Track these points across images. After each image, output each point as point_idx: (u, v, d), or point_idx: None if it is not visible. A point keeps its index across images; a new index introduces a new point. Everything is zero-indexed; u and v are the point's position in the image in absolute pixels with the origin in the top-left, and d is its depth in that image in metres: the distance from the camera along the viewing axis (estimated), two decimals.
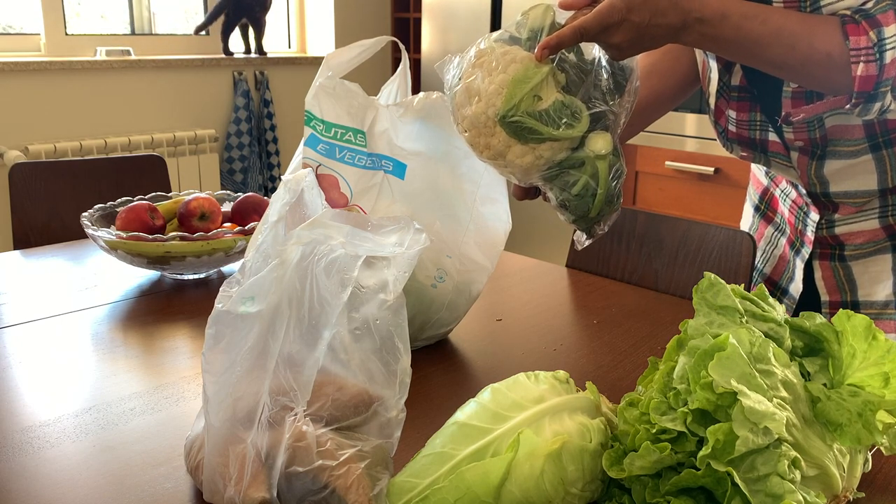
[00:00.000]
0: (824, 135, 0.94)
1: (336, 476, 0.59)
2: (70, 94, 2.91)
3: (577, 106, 0.81)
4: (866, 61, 0.80)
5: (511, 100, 0.79)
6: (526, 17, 0.84)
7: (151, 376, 0.92)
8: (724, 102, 1.02)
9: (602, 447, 0.62)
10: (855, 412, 0.62)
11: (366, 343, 0.63)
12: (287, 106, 3.57)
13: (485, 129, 0.81)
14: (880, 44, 0.79)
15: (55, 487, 0.69)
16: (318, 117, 0.99)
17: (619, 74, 0.84)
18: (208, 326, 0.64)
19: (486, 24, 3.19)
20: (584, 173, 0.82)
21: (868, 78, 0.80)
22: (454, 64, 0.86)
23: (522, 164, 0.82)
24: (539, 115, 0.79)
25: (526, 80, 0.79)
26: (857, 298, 1.05)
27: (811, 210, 1.05)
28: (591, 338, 1.07)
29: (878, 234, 1.01)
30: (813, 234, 1.06)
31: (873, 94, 0.81)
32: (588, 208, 0.84)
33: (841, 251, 1.04)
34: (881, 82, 0.80)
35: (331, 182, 0.98)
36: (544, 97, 0.80)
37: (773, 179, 1.16)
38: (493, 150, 0.82)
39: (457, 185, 0.99)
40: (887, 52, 0.79)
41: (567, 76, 0.82)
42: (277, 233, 0.67)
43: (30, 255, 1.39)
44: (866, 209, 1.00)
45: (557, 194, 0.85)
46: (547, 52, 0.80)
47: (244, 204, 1.35)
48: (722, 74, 1.01)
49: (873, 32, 0.80)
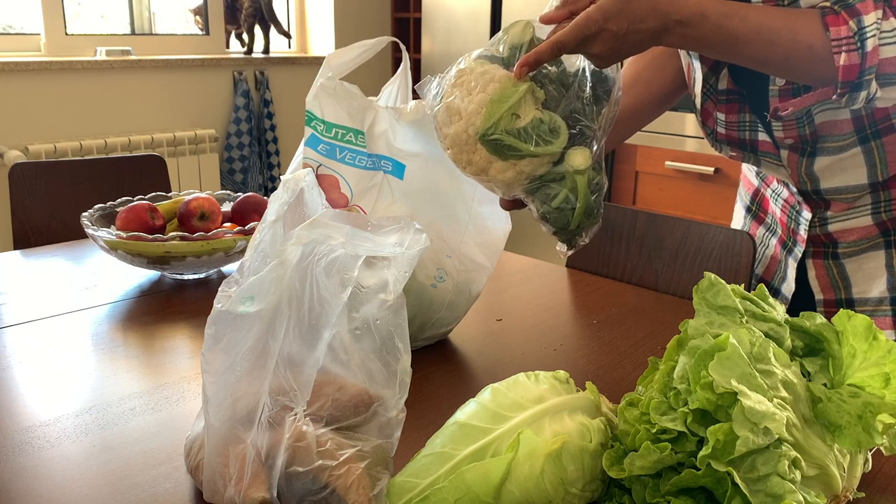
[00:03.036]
0: (814, 131, 0.95)
1: (336, 476, 0.59)
2: (70, 94, 2.91)
3: (555, 122, 0.82)
4: (848, 51, 0.80)
5: (490, 119, 0.81)
6: (506, 34, 0.86)
7: (151, 376, 0.92)
8: (712, 105, 1.02)
9: (602, 447, 0.62)
10: (855, 414, 0.62)
11: (366, 343, 0.63)
12: (287, 106, 3.57)
13: (466, 147, 0.83)
14: (860, 32, 0.80)
15: (55, 487, 0.69)
16: (318, 117, 0.99)
17: (599, 87, 0.85)
18: (207, 326, 0.64)
19: (486, 24, 3.19)
20: (564, 187, 0.84)
21: (851, 67, 0.81)
22: (434, 84, 0.88)
23: (504, 179, 0.84)
24: (518, 133, 0.81)
25: (504, 99, 0.81)
26: (852, 296, 1.05)
27: (803, 208, 1.06)
28: (591, 338, 1.07)
29: (870, 230, 1.01)
30: (806, 232, 1.06)
31: (858, 83, 0.81)
32: (568, 221, 0.85)
33: (834, 249, 1.05)
34: (864, 70, 0.80)
35: (331, 182, 0.98)
36: (522, 115, 0.81)
37: (763, 180, 1.16)
38: (476, 167, 0.84)
39: (455, 185, 0.99)
40: (868, 40, 0.79)
41: (546, 91, 0.83)
42: (276, 232, 0.67)
43: (30, 255, 1.39)
44: (858, 206, 1.00)
45: (538, 207, 0.86)
46: (526, 70, 0.81)
47: (244, 204, 1.35)
48: (708, 77, 1.01)
49: (853, 22, 0.80)
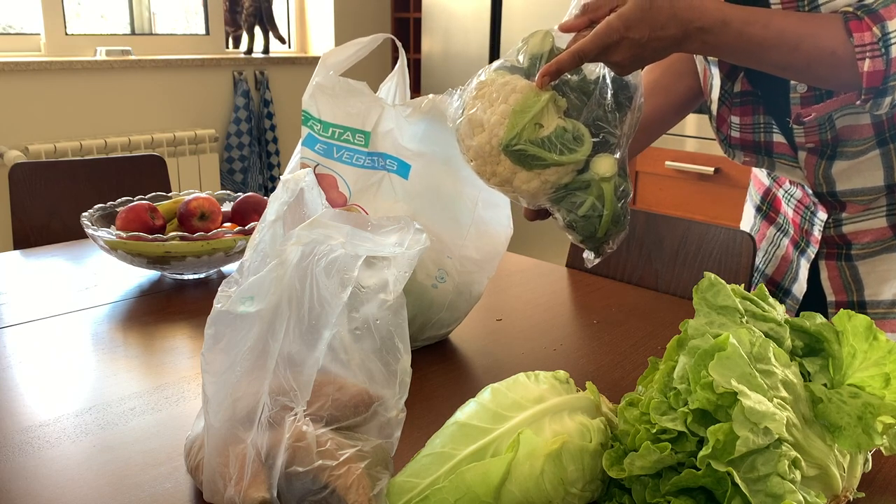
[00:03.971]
0: (835, 135, 0.94)
1: (336, 476, 0.59)
2: (70, 94, 2.91)
3: (579, 130, 0.82)
4: (872, 57, 0.80)
5: (513, 129, 0.80)
6: (526, 44, 0.86)
7: (151, 376, 0.92)
8: (727, 110, 1.02)
9: (602, 447, 0.62)
10: (855, 415, 0.62)
11: (366, 343, 0.63)
12: (287, 106, 3.57)
13: (490, 158, 0.83)
14: (885, 38, 0.79)
15: (55, 487, 0.69)
16: (315, 117, 0.99)
17: (621, 93, 0.85)
18: (207, 326, 0.64)
19: (486, 24, 3.19)
20: (590, 195, 0.83)
21: (876, 73, 0.80)
22: (455, 97, 0.88)
23: (529, 189, 0.83)
24: (542, 143, 0.81)
25: (527, 109, 0.80)
26: (864, 298, 1.04)
27: (819, 209, 1.05)
28: (591, 338, 1.07)
29: (885, 232, 1.01)
30: (820, 233, 1.05)
31: (882, 89, 0.81)
32: (595, 229, 0.84)
33: (848, 251, 1.04)
34: (890, 76, 0.80)
35: (329, 182, 0.98)
36: (546, 124, 0.81)
37: (775, 180, 1.16)
38: (500, 178, 0.84)
39: (459, 188, 0.99)
40: (892, 45, 0.79)
41: (568, 100, 0.83)
42: (276, 232, 0.67)
43: (30, 255, 1.39)
44: (874, 207, 1.00)
45: (565, 215, 0.86)
46: (547, 80, 0.81)
47: (244, 204, 1.35)
48: (724, 83, 1.00)
49: (877, 27, 0.79)
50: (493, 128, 0.81)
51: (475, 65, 3.27)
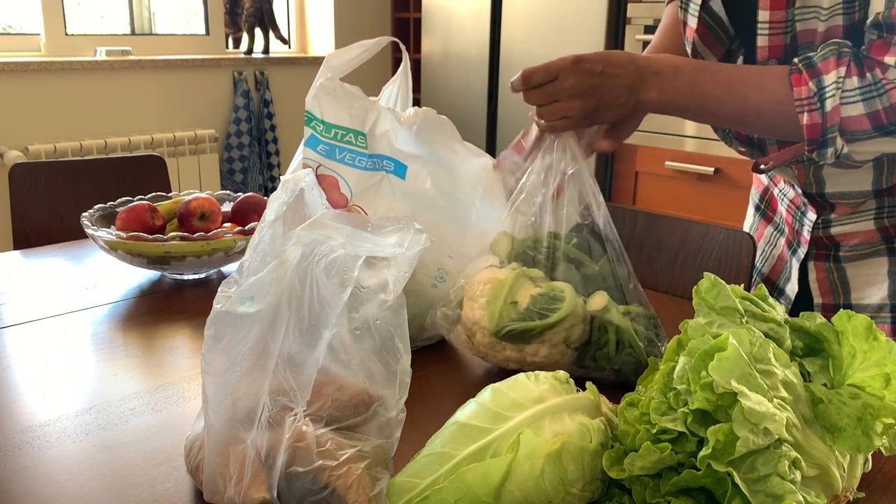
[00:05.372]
0: None
1: (336, 476, 0.59)
2: (70, 94, 2.91)
3: (556, 289, 0.86)
4: (809, 110, 0.82)
5: (493, 318, 0.85)
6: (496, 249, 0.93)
7: (151, 376, 0.92)
8: None
9: (602, 447, 0.62)
10: (855, 417, 0.62)
11: (366, 343, 0.63)
12: (287, 106, 3.57)
13: (496, 349, 0.87)
14: (820, 93, 0.82)
15: (55, 487, 0.69)
16: (318, 118, 0.99)
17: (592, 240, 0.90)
18: (207, 327, 0.64)
19: (486, 24, 3.19)
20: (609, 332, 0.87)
21: (814, 126, 0.83)
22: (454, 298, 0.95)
23: (543, 358, 0.86)
24: (523, 316, 0.85)
25: (497, 295, 0.86)
26: (850, 301, 1.05)
27: (808, 210, 1.05)
28: None
29: (873, 235, 1.01)
30: (809, 233, 1.06)
31: (823, 141, 0.83)
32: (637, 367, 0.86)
33: (836, 252, 1.04)
34: (827, 129, 0.82)
35: (330, 183, 0.98)
36: (520, 299, 0.86)
37: (772, 179, 1.16)
38: (514, 361, 0.87)
39: (456, 187, 0.99)
40: (827, 100, 0.81)
41: (540, 266, 0.89)
42: (276, 232, 0.67)
43: (30, 255, 1.39)
44: (862, 210, 1.00)
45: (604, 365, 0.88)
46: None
47: (244, 204, 1.35)
48: None
49: (813, 82, 0.82)
50: (480, 322, 0.87)
51: (475, 65, 3.27)
